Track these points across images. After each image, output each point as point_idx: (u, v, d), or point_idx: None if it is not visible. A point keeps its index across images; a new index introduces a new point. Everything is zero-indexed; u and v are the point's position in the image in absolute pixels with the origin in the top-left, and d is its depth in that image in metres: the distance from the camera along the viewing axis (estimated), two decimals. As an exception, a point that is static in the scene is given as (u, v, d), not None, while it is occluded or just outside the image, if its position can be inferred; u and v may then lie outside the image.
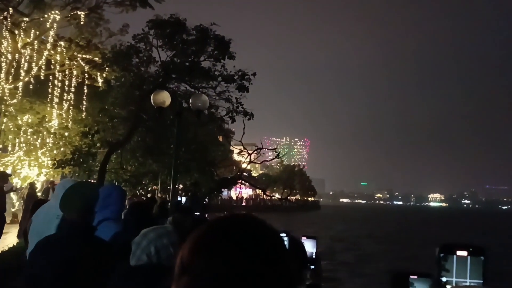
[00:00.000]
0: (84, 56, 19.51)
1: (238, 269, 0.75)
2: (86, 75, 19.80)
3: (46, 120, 19.26)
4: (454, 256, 1.26)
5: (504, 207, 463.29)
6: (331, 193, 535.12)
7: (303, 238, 2.72)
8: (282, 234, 1.54)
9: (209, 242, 0.79)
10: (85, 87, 19.98)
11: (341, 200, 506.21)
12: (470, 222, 71.49)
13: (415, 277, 1.49)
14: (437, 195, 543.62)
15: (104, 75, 19.49)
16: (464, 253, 1.26)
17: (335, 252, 22.59)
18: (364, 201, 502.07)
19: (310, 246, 2.72)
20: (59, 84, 19.56)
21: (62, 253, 2.53)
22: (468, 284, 1.24)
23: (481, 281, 1.25)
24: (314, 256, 2.74)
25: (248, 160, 25.26)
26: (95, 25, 19.62)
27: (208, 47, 17.21)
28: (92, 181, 17.47)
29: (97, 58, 19.11)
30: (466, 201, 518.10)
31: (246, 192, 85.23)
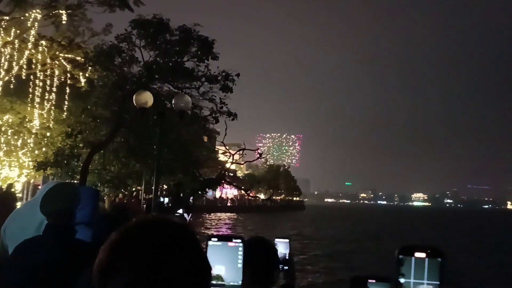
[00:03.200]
0: (66, 55, 19.27)
1: (147, 273, 0.77)
2: (69, 75, 19.56)
3: (27, 120, 18.98)
4: (413, 258, 1.29)
5: (485, 206, 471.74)
6: (316, 193, 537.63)
7: (276, 239, 2.73)
8: (237, 240, 1.56)
9: (121, 246, 0.81)
10: (67, 87, 19.74)
11: (326, 200, 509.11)
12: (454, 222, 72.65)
13: (373, 281, 1.52)
14: (420, 195, 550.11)
15: (87, 75, 19.28)
16: (422, 254, 1.29)
17: (312, 252, 22.77)
18: (349, 201, 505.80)
19: (283, 248, 2.74)
20: (41, 83, 19.28)
21: (41, 256, 2.51)
22: (425, 285, 1.27)
23: (438, 283, 1.28)
24: (287, 257, 2.75)
25: (232, 160, 25.33)
26: (77, 24, 19.40)
27: (192, 47, 17.22)
28: (75, 181, 17.29)
29: (79, 58, 18.91)
30: (449, 201, 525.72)
31: (231, 192, 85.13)
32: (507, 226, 61.89)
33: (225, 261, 1.52)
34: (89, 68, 18.59)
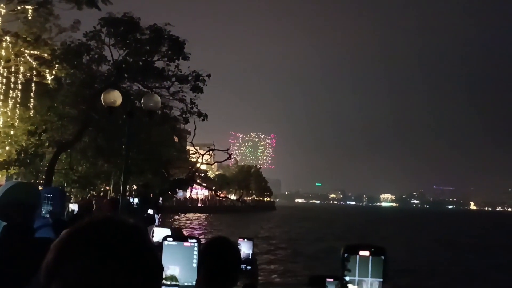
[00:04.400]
0: (32, 52, 18.75)
1: (91, 273, 0.77)
2: (35, 72, 19.04)
3: (-10, 118, 18.37)
4: (357, 256, 1.37)
5: (449, 207, 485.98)
6: (287, 193, 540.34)
7: (239, 239, 2.79)
8: (192, 240, 1.60)
9: (67, 245, 0.81)
10: (33, 85, 19.20)
11: (296, 200, 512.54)
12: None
13: (331, 280, 1.61)
14: (388, 196, 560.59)
15: (54, 73, 18.82)
16: (366, 253, 1.37)
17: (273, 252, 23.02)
18: (319, 201, 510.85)
19: (246, 248, 2.79)
20: (4, 80, 18.69)
21: None
22: (369, 282, 1.36)
23: (381, 279, 1.37)
24: (250, 257, 2.81)
25: (204, 160, 25.30)
26: (44, 20, 18.91)
27: (162, 47, 17.11)
28: (40, 182, 16.89)
29: (46, 55, 18.44)
30: (415, 201, 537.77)
31: (202, 193, 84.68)
32: (468, 226, 64.20)
33: (180, 261, 1.55)
34: (56, 65, 18.18)
